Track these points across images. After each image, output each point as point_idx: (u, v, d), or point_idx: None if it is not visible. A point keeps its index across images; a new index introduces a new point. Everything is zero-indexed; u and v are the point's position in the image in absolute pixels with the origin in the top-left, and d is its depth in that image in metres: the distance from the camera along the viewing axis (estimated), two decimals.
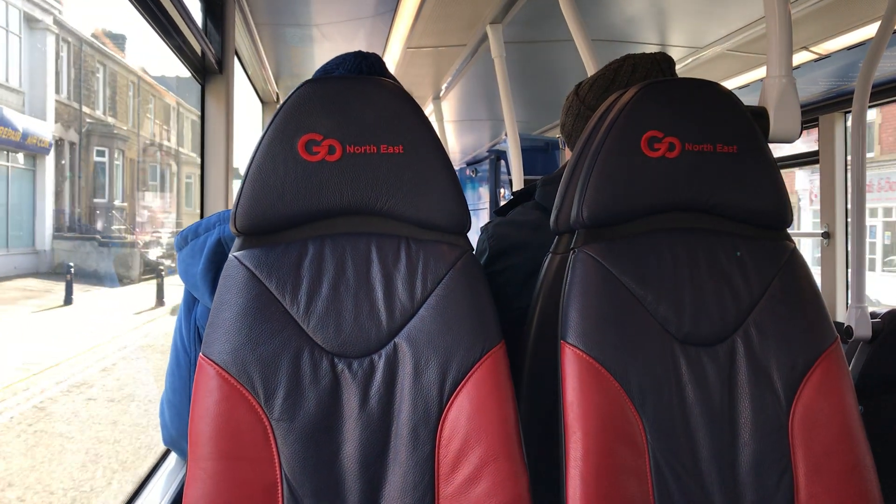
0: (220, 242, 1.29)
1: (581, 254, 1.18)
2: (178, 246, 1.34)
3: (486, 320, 1.14)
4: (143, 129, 16.54)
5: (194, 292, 1.32)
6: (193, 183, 18.13)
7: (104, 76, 14.47)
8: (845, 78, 2.99)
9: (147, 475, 1.80)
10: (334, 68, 1.38)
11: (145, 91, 16.86)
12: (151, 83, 17.09)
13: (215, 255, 1.28)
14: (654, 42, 2.92)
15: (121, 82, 15.41)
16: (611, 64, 1.53)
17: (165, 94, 18.04)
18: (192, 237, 1.32)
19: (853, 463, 1.15)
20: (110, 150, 14.30)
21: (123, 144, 14.90)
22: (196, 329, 1.34)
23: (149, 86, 16.97)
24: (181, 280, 1.34)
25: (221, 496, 1.06)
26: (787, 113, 1.32)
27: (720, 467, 1.14)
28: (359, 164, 1.15)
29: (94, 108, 14.08)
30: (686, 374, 1.16)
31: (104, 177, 14.11)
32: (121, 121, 15.14)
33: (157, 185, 17.36)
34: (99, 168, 13.98)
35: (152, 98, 17.31)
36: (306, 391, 1.10)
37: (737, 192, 1.21)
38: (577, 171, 1.22)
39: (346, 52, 1.39)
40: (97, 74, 14.14)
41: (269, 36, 3.01)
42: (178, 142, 18.91)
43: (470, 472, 1.09)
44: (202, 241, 1.31)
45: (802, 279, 1.22)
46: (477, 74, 3.52)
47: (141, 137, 16.28)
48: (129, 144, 15.33)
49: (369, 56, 1.39)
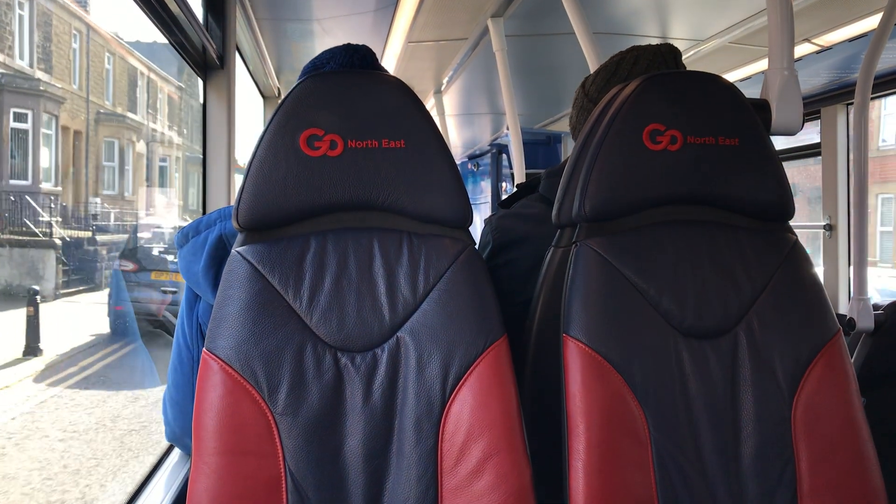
0: (221, 239, 1.29)
1: (583, 247, 1.18)
2: (178, 243, 1.34)
3: (489, 314, 1.15)
4: (96, 95, 13.13)
5: (196, 289, 1.32)
6: (171, 168, 15.42)
7: (30, 15, 10.74)
8: (847, 70, 2.98)
9: (150, 471, 1.80)
10: (325, 63, 1.37)
11: (98, 46, 13.30)
12: (107, 37, 13.53)
13: (216, 251, 1.28)
14: (656, 35, 2.91)
15: (60, 29, 11.71)
16: (614, 56, 1.52)
17: (129, 55, 14.55)
18: (192, 234, 1.32)
19: (856, 455, 1.15)
20: (35, 113, 10.44)
21: (56, 108, 11.21)
22: (199, 326, 1.34)
23: (103, 40, 13.46)
24: (183, 277, 1.34)
25: (226, 490, 1.07)
26: (789, 105, 1.32)
27: (723, 460, 1.14)
28: (360, 159, 1.15)
29: (8, 54, 10.12)
30: (688, 366, 1.16)
31: (26, 149, 10.32)
32: (58, 78, 11.58)
33: (116, 166, 13.75)
34: (17, 137, 10.21)
35: (109, 56, 13.74)
36: (310, 385, 1.11)
37: (739, 185, 1.21)
38: (578, 164, 1.22)
39: (335, 46, 1.38)
40: (15, 9, 10.37)
41: (270, 31, 3.01)
42: (150, 117, 15.63)
43: (473, 465, 1.09)
44: (203, 238, 1.31)
45: (804, 271, 1.22)
46: (478, 68, 3.52)
47: (93, 104, 13.05)
48: (71, 110, 12.03)
49: (360, 49, 1.38)
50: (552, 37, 2.96)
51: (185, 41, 2.12)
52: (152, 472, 1.79)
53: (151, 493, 1.65)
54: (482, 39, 2.98)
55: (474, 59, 3.31)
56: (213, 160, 2.41)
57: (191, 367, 1.36)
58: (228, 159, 2.41)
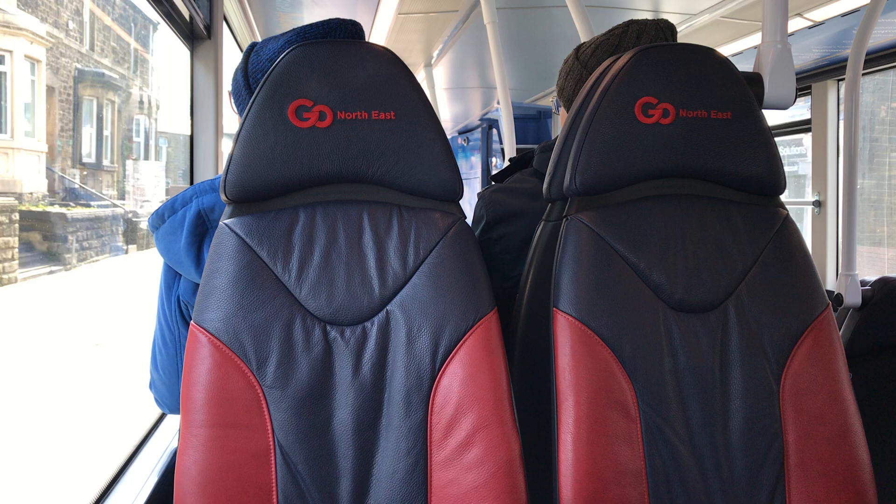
0: (199, 215, 1.28)
1: (574, 221, 1.18)
2: (153, 225, 1.31)
3: (479, 288, 1.14)
4: None
5: (179, 268, 1.31)
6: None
7: None
8: (839, 45, 2.97)
9: (139, 444, 1.80)
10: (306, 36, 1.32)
11: None
12: None
13: (196, 228, 1.27)
14: (647, 9, 2.89)
15: None
16: (615, 29, 1.50)
17: None
18: (169, 214, 1.31)
19: (843, 428, 1.16)
20: None
21: None
22: (179, 306, 1.34)
23: None
24: (163, 258, 1.32)
25: (214, 463, 1.07)
26: (782, 79, 1.32)
27: (711, 433, 1.15)
28: (350, 131, 1.14)
29: None
30: (678, 340, 1.16)
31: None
32: None
33: None
34: None
35: None
36: (299, 359, 1.10)
37: (730, 159, 1.20)
38: (570, 137, 1.21)
39: (328, 20, 1.35)
40: None
41: (258, 1, 2.97)
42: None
43: (462, 438, 1.09)
44: (181, 216, 1.29)
45: (795, 246, 1.22)
46: (469, 41, 3.49)
47: None
48: None
49: (346, 24, 1.35)
50: (544, 9, 2.93)
51: (173, 11, 2.09)
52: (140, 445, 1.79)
53: (140, 465, 1.65)
54: (473, 11, 2.95)
55: (465, 31, 3.28)
56: (201, 132, 2.38)
57: (175, 349, 1.35)
58: (216, 131, 2.38)
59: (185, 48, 2.37)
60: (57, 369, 5.48)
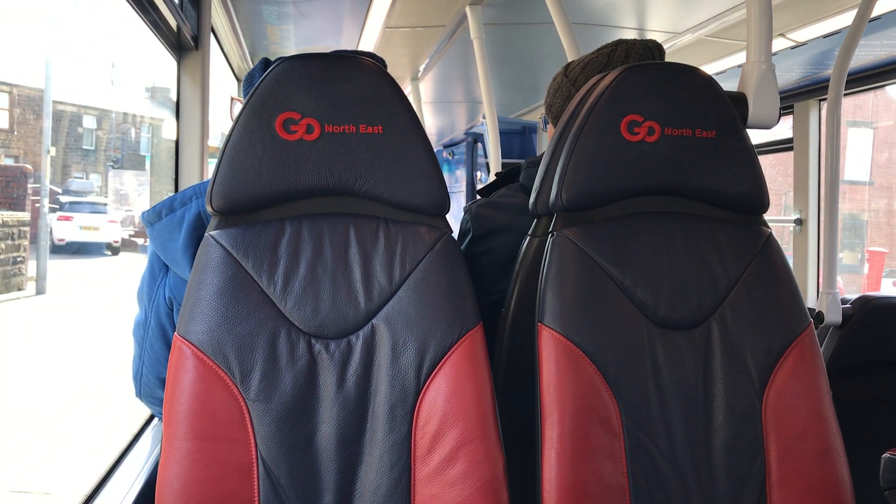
0: (199, 217, 1.29)
1: (559, 237, 1.18)
2: (148, 221, 1.32)
3: (464, 302, 1.14)
4: None
5: (174, 266, 1.31)
6: None
7: None
8: (821, 66, 3.01)
9: (119, 456, 1.78)
10: None
11: None
12: None
13: (195, 229, 1.28)
14: (633, 27, 2.92)
15: None
16: (604, 47, 1.52)
17: None
18: (166, 212, 1.31)
19: (824, 446, 1.17)
20: None
21: None
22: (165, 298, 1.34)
23: None
24: (159, 254, 1.33)
25: (197, 476, 1.06)
26: (766, 99, 1.33)
27: (694, 450, 1.15)
28: (337, 144, 1.14)
29: None
30: (662, 357, 1.17)
31: None
32: None
33: None
34: None
35: None
36: (283, 372, 1.10)
37: (715, 177, 1.22)
38: (556, 153, 1.22)
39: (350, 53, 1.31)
40: None
41: (246, 13, 2.97)
42: None
43: (447, 453, 1.09)
44: (180, 215, 1.30)
45: (778, 265, 1.23)
46: (455, 56, 3.50)
47: None
48: None
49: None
50: (530, 26, 2.95)
51: (160, 20, 2.09)
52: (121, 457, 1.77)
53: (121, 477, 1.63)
54: (460, 27, 2.97)
55: (452, 46, 3.29)
56: (187, 143, 2.37)
57: (156, 323, 1.35)
58: (202, 143, 2.37)
59: (172, 58, 2.36)
60: None
